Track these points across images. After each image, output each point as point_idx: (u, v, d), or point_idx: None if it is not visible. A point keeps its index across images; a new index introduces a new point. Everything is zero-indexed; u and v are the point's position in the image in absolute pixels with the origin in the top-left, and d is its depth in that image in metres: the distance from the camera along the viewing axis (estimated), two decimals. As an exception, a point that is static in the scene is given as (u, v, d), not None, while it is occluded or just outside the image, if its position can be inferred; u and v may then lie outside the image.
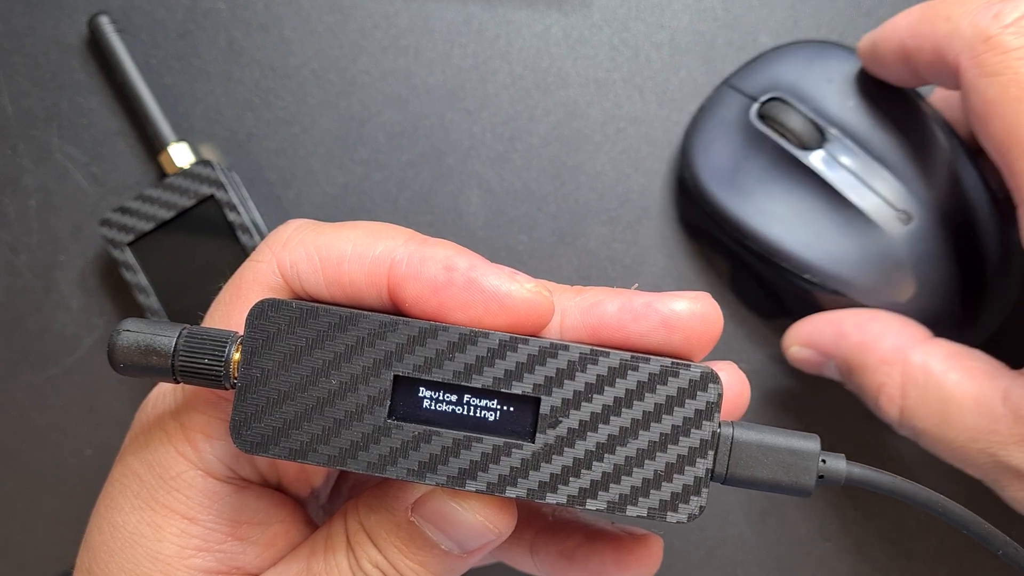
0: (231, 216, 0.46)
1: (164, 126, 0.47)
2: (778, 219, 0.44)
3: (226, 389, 0.27)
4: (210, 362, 0.27)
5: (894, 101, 0.44)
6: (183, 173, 0.46)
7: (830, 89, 0.44)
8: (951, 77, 0.38)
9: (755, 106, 0.45)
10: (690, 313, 0.28)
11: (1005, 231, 0.43)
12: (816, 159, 0.43)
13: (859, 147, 0.43)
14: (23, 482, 0.48)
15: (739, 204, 0.44)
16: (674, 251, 0.47)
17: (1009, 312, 0.44)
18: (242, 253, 0.46)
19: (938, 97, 0.45)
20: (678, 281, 0.47)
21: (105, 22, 0.48)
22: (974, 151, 0.43)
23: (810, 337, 0.42)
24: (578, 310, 0.29)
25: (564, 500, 0.26)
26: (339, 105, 0.48)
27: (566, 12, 0.48)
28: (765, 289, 0.47)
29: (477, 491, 0.26)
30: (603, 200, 0.48)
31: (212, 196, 0.46)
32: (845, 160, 0.43)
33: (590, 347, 0.27)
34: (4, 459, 0.48)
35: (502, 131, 0.48)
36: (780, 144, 0.44)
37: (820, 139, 0.44)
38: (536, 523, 0.35)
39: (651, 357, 0.27)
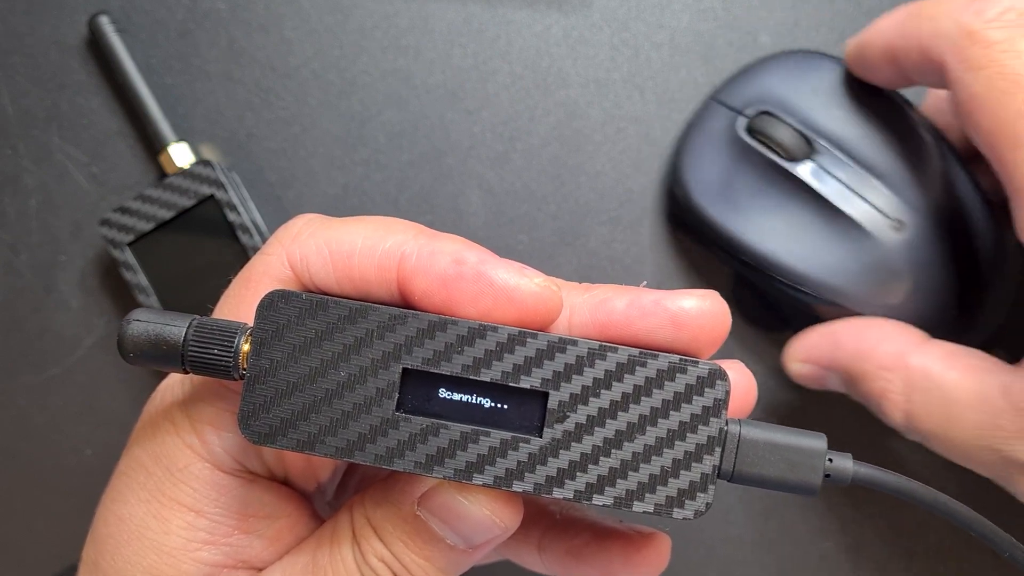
0: (231, 216, 0.46)
1: (164, 126, 0.47)
2: (771, 232, 0.43)
3: (235, 380, 0.27)
4: (220, 352, 0.27)
5: (882, 109, 0.44)
6: (183, 173, 0.46)
7: (816, 100, 0.44)
8: (938, 75, 0.38)
9: (743, 120, 0.45)
10: (699, 311, 0.28)
11: (999, 233, 0.43)
12: (806, 171, 0.43)
13: (848, 157, 0.43)
14: (23, 482, 0.48)
15: (732, 218, 0.44)
16: (675, 251, 0.48)
17: (1006, 312, 0.44)
18: (242, 253, 0.46)
19: (929, 104, 0.45)
20: (679, 281, 0.48)
21: (105, 22, 0.48)
22: (966, 156, 0.43)
23: (808, 352, 0.42)
24: (586, 307, 0.29)
25: (571, 495, 0.26)
26: (339, 105, 0.48)
27: (566, 12, 0.48)
28: (764, 302, 0.47)
29: (484, 485, 0.26)
30: (603, 200, 0.48)
31: (212, 196, 0.46)
32: (835, 171, 0.43)
33: (598, 343, 0.27)
34: (4, 459, 0.48)
35: (502, 131, 0.48)
36: (769, 157, 0.44)
37: (809, 150, 0.43)
38: (544, 520, 0.35)
39: (659, 353, 0.27)
